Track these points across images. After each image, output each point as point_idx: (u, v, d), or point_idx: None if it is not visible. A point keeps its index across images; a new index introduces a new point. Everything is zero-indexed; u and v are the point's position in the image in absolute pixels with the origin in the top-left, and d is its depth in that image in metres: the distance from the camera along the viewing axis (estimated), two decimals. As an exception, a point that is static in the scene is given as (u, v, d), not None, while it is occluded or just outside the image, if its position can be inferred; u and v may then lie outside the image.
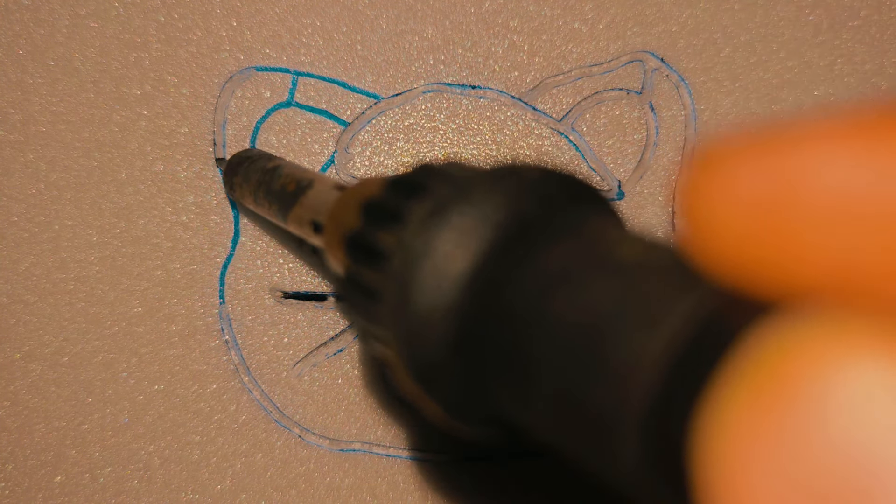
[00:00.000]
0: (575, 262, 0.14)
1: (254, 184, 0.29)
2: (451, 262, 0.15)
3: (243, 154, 0.31)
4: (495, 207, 0.16)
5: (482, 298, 0.15)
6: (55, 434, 0.33)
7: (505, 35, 0.34)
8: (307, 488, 0.33)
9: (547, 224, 0.15)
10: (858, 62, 0.35)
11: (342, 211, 0.22)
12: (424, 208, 0.17)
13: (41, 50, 0.32)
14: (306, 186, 0.25)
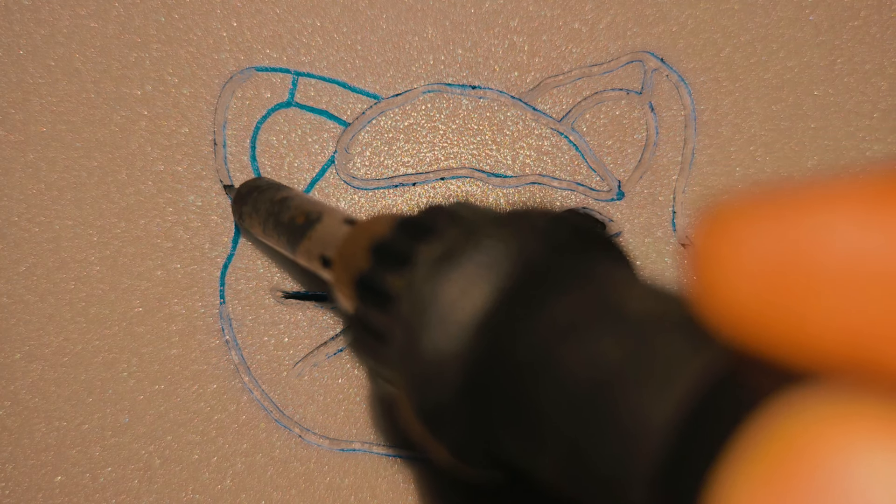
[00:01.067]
0: (584, 314, 0.14)
1: (263, 214, 0.29)
2: (459, 309, 0.15)
3: (252, 183, 0.31)
4: (504, 254, 0.16)
5: (490, 346, 0.15)
6: (55, 434, 0.33)
7: (505, 35, 0.34)
8: (307, 488, 0.33)
9: (556, 271, 0.15)
10: (858, 62, 0.35)
11: (351, 249, 0.22)
12: (433, 251, 0.16)
13: (42, 50, 0.33)
14: (315, 220, 0.25)
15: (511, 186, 0.34)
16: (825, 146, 0.35)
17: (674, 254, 0.35)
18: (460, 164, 0.34)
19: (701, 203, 0.35)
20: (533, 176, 0.34)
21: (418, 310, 0.16)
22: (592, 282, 0.15)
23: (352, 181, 0.34)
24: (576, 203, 0.35)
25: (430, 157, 0.34)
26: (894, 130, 0.36)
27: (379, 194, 0.34)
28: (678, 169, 0.35)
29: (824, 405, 0.09)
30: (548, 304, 0.15)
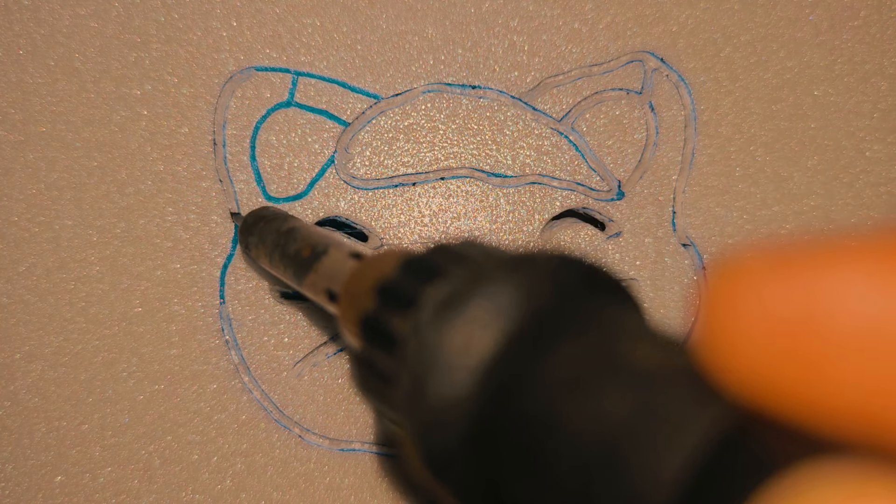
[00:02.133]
0: (591, 366, 0.14)
1: (269, 245, 0.29)
2: (465, 356, 0.15)
3: (258, 213, 0.31)
4: (510, 300, 0.15)
5: (496, 395, 0.15)
6: (55, 434, 0.33)
7: (505, 35, 0.34)
8: (307, 488, 0.33)
9: (564, 318, 0.15)
10: (858, 62, 0.35)
11: (357, 286, 0.21)
12: (439, 294, 0.16)
13: (41, 50, 0.32)
14: (321, 253, 0.25)
15: (511, 186, 0.34)
16: (825, 146, 0.35)
17: (674, 255, 0.35)
18: (460, 164, 0.34)
19: (701, 203, 0.35)
20: (533, 176, 0.34)
21: (424, 355, 0.16)
22: (600, 330, 0.15)
23: (352, 181, 0.34)
24: (576, 203, 0.35)
25: (430, 156, 0.34)
26: (894, 130, 0.36)
27: (379, 194, 0.34)
28: (678, 169, 0.35)
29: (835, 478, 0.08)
30: (555, 352, 0.14)
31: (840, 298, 0.09)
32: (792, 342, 0.09)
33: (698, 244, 0.35)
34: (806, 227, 0.35)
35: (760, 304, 0.09)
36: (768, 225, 0.35)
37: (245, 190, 0.33)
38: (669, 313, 0.35)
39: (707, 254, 0.35)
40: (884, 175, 0.35)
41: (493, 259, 0.17)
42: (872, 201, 0.35)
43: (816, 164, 0.35)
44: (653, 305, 0.35)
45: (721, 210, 0.35)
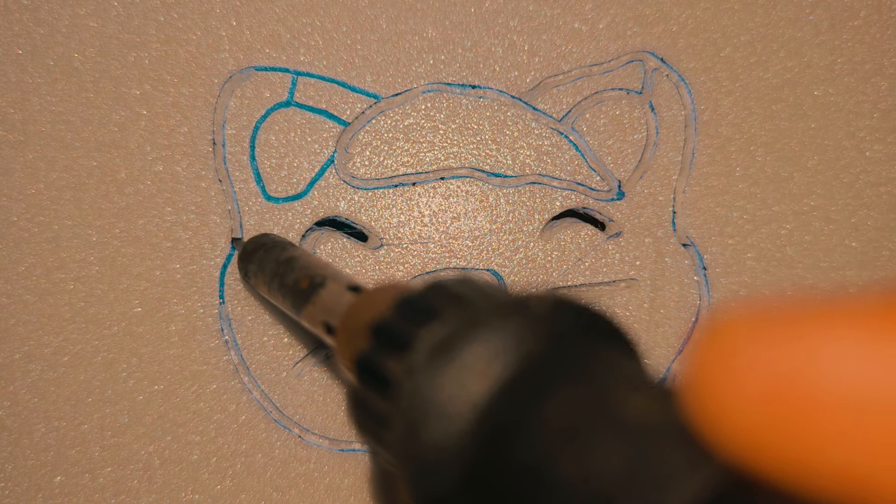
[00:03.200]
0: (584, 418, 0.14)
1: (268, 275, 0.29)
2: (458, 402, 0.15)
3: (258, 240, 0.31)
4: (503, 346, 0.15)
5: (489, 442, 0.15)
6: (55, 434, 0.33)
7: (505, 35, 0.34)
8: (307, 488, 0.33)
9: (557, 365, 0.15)
10: (858, 62, 0.35)
11: (353, 323, 0.21)
12: (433, 338, 0.16)
13: (41, 50, 0.32)
14: (319, 284, 0.25)
15: (511, 186, 0.34)
16: (825, 146, 0.35)
17: (674, 255, 0.35)
18: (460, 164, 0.34)
19: (701, 203, 0.35)
20: (533, 176, 0.34)
21: (417, 401, 0.16)
22: (594, 378, 0.15)
23: (351, 181, 0.34)
24: (576, 203, 0.35)
25: (429, 156, 0.34)
26: (894, 130, 0.36)
27: (378, 194, 0.34)
28: (678, 169, 0.35)
29: None
30: (549, 401, 0.14)
31: (827, 362, 0.09)
32: (780, 405, 0.09)
33: (698, 244, 0.35)
34: (806, 227, 0.35)
35: (749, 365, 0.09)
36: (768, 225, 0.35)
37: (244, 190, 0.33)
38: (669, 313, 0.35)
39: (707, 254, 0.35)
40: (884, 175, 0.35)
41: (487, 301, 0.17)
42: (872, 201, 0.35)
43: (816, 164, 0.35)
44: (653, 306, 0.35)
45: (721, 210, 0.35)
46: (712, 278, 0.35)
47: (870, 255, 0.35)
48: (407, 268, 0.34)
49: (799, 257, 0.35)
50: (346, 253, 0.34)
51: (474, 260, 0.34)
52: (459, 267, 0.34)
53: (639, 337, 0.35)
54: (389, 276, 0.34)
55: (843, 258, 0.35)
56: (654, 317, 0.35)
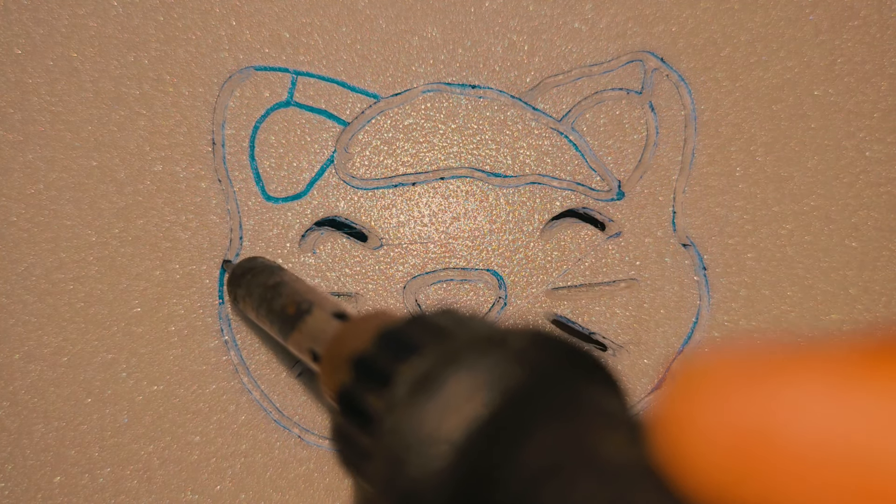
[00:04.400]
0: (563, 457, 0.14)
1: (256, 299, 0.29)
2: (438, 442, 0.15)
3: (246, 264, 0.31)
4: (482, 383, 0.15)
5: (469, 483, 0.15)
6: (54, 434, 0.32)
7: (505, 35, 0.34)
8: (307, 489, 0.33)
9: (536, 401, 0.15)
10: (858, 62, 0.35)
11: (336, 352, 0.22)
12: (413, 374, 0.16)
13: (40, 49, 0.32)
14: (305, 311, 0.26)
15: (511, 186, 0.34)
16: (825, 146, 0.35)
17: (674, 255, 0.35)
18: (460, 164, 0.34)
19: (701, 203, 0.35)
20: (533, 176, 0.34)
21: (397, 438, 0.16)
22: (573, 418, 0.15)
23: (351, 181, 0.34)
24: (576, 203, 0.35)
25: (429, 156, 0.34)
26: (894, 130, 0.35)
27: (378, 194, 0.34)
28: (678, 169, 0.35)
29: None
30: (527, 440, 0.14)
31: (792, 411, 0.09)
32: (747, 451, 0.09)
33: (698, 244, 0.35)
34: (806, 227, 0.35)
35: (718, 412, 0.10)
36: (768, 225, 0.35)
37: (244, 190, 0.33)
38: (669, 313, 0.35)
39: (707, 254, 0.35)
40: (884, 175, 0.35)
41: (468, 335, 0.17)
42: (872, 201, 0.35)
43: (817, 164, 0.35)
44: (653, 306, 0.35)
45: (721, 210, 0.35)
46: (712, 278, 0.35)
47: (870, 255, 0.35)
48: (407, 268, 0.34)
49: (799, 257, 0.35)
50: (345, 253, 0.34)
51: (474, 260, 0.34)
52: (459, 267, 0.34)
53: (641, 334, 0.35)
54: (389, 276, 0.34)
55: (843, 258, 0.35)
56: (654, 317, 0.35)
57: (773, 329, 0.35)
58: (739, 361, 0.10)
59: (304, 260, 0.33)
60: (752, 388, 0.09)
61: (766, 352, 0.10)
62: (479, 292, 0.34)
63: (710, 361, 0.10)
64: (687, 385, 0.10)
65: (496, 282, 0.34)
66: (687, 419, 0.10)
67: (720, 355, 0.10)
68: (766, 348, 0.10)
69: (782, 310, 0.35)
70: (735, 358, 0.10)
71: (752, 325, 0.35)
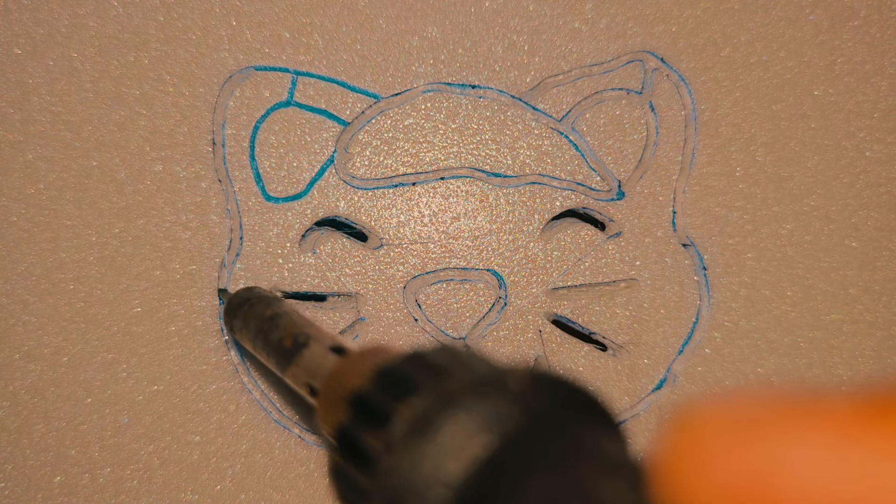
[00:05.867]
0: (562, 502, 0.14)
1: (252, 331, 0.29)
2: (435, 484, 0.15)
3: (243, 295, 0.31)
4: (480, 426, 0.15)
5: None
6: (54, 434, 0.32)
7: (505, 35, 0.34)
8: (307, 489, 0.33)
9: (534, 444, 0.15)
10: (858, 62, 0.35)
11: (334, 389, 0.21)
12: (411, 414, 0.16)
13: (40, 49, 0.32)
14: (302, 344, 0.26)
15: (511, 186, 0.34)
16: (825, 146, 0.35)
17: (674, 255, 0.35)
18: (460, 164, 0.34)
19: (701, 203, 0.35)
20: (533, 176, 0.34)
21: (395, 479, 0.16)
22: (572, 462, 0.15)
23: (351, 181, 0.34)
24: (576, 203, 0.35)
25: (429, 156, 0.34)
26: (894, 130, 0.36)
27: (378, 194, 0.34)
28: (678, 169, 0.35)
29: None
30: (525, 485, 0.14)
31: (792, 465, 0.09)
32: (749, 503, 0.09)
33: (698, 244, 0.35)
34: (806, 227, 0.35)
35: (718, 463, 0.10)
36: (768, 225, 0.35)
37: (244, 190, 0.33)
38: (669, 313, 0.35)
39: (707, 254, 0.35)
40: (884, 175, 0.35)
41: (467, 375, 0.17)
42: (872, 201, 0.35)
43: (817, 164, 0.35)
44: (653, 306, 0.35)
45: (721, 210, 0.35)
46: (712, 278, 0.35)
47: (870, 255, 0.35)
48: (407, 268, 0.34)
49: (799, 257, 0.35)
50: (345, 253, 0.34)
51: (474, 260, 0.34)
52: (459, 267, 0.34)
53: (641, 334, 0.35)
54: (389, 276, 0.34)
55: (843, 258, 0.35)
56: (654, 317, 0.35)
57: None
58: (743, 411, 0.10)
59: (304, 260, 0.33)
60: (754, 439, 0.09)
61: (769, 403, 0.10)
62: (479, 292, 0.34)
63: (714, 410, 0.10)
64: (690, 433, 0.10)
65: (496, 282, 0.34)
66: (689, 467, 0.10)
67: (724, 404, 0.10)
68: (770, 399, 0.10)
69: (782, 310, 0.35)
70: (739, 408, 0.10)
71: (752, 325, 0.35)
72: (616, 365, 0.34)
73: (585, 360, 0.34)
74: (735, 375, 0.35)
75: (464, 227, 0.34)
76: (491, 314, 0.34)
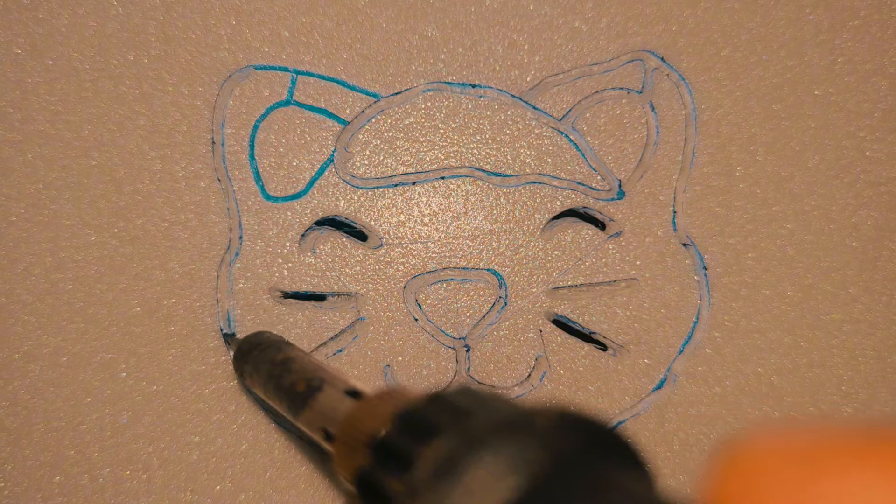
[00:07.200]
0: None
1: (264, 376, 0.28)
2: None
3: (253, 339, 0.30)
4: (508, 469, 0.15)
5: None
6: (54, 434, 0.32)
7: (505, 34, 0.34)
8: (307, 489, 0.33)
9: (563, 488, 0.15)
10: (858, 62, 0.35)
11: (352, 435, 0.21)
12: (435, 457, 0.16)
13: (40, 49, 0.32)
14: (316, 388, 0.25)
15: (511, 185, 0.34)
16: (826, 146, 0.35)
17: (674, 254, 0.35)
18: (460, 163, 0.34)
19: (701, 203, 0.35)
20: (533, 175, 0.34)
21: None
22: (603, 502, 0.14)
23: (351, 180, 0.34)
24: (576, 202, 0.35)
25: (429, 156, 0.34)
26: (894, 130, 0.35)
27: (378, 193, 0.34)
28: (679, 168, 0.35)
29: None
30: None
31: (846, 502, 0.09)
32: None
33: (699, 244, 0.35)
34: (806, 227, 0.35)
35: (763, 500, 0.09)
36: (768, 225, 0.35)
37: (244, 189, 0.33)
38: (670, 313, 0.35)
39: (707, 254, 0.35)
40: (884, 175, 0.35)
41: (491, 416, 0.17)
42: (872, 201, 0.35)
43: (817, 164, 0.35)
44: (653, 305, 0.35)
45: (721, 210, 0.35)
46: (712, 278, 0.35)
47: (870, 255, 0.35)
48: (407, 267, 0.34)
49: (799, 257, 0.35)
50: (345, 252, 0.34)
51: (474, 260, 0.34)
52: (459, 267, 0.34)
53: (642, 334, 0.35)
54: (389, 276, 0.34)
55: (843, 258, 0.35)
56: (655, 317, 0.35)
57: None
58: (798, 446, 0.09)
59: (303, 259, 0.33)
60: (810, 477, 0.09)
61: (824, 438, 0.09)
62: (479, 292, 0.34)
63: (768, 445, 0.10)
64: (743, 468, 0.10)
65: (496, 281, 0.34)
66: None
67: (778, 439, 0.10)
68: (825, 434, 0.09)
69: (782, 310, 0.35)
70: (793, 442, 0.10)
71: (752, 325, 0.35)
72: (616, 365, 0.34)
73: (586, 359, 0.34)
74: (735, 375, 0.35)
75: (464, 226, 0.34)
76: (491, 314, 0.34)
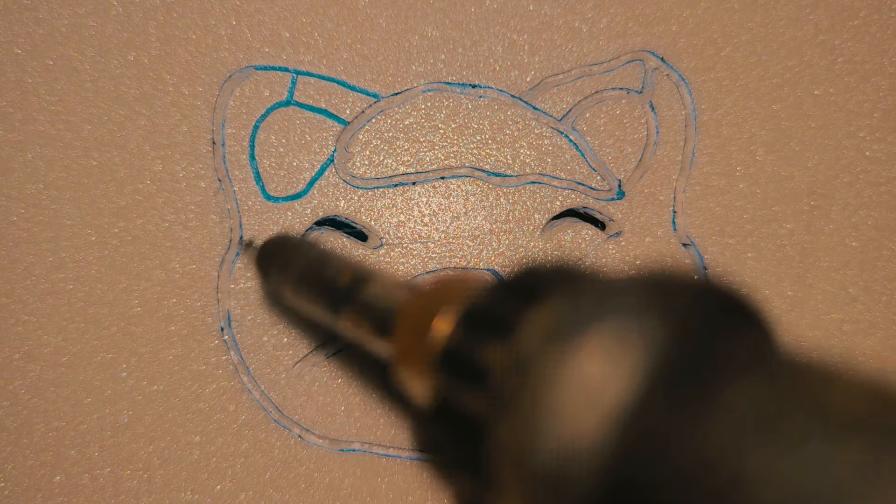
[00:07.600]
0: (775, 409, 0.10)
1: (296, 273, 0.25)
2: (595, 398, 0.11)
3: (279, 240, 0.27)
4: (657, 327, 0.12)
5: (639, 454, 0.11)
6: (54, 434, 0.32)
7: (505, 34, 0.34)
8: (307, 488, 0.33)
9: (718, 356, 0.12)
10: (858, 62, 0.35)
11: (420, 322, 0.17)
12: (547, 318, 0.13)
13: (40, 49, 0.32)
14: (363, 279, 0.22)
15: (511, 186, 0.34)
16: (826, 146, 0.35)
17: (674, 255, 0.35)
18: (460, 164, 0.34)
19: (701, 203, 0.35)
20: (533, 175, 0.34)
21: (533, 397, 0.12)
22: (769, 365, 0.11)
23: (351, 180, 0.34)
24: (576, 202, 0.35)
25: (429, 156, 0.34)
26: (894, 130, 0.35)
27: (378, 193, 0.34)
28: (678, 168, 0.35)
29: None
30: (719, 396, 0.11)
31: None
32: None
33: (699, 244, 0.35)
34: (806, 227, 0.35)
35: None
36: (768, 225, 0.35)
37: (244, 189, 0.33)
38: (669, 313, 0.35)
39: (707, 254, 0.35)
40: (884, 175, 0.35)
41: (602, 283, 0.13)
42: (872, 201, 0.35)
43: (817, 164, 0.35)
44: (653, 305, 0.35)
45: (721, 210, 0.35)
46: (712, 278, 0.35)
47: (870, 255, 0.35)
48: (407, 267, 0.34)
49: (799, 257, 0.35)
50: (345, 252, 0.34)
51: (474, 260, 0.34)
52: (460, 267, 0.34)
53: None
54: (389, 276, 0.34)
55: (843, 258, 0.35)
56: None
57: None
58: None
59: (304, 259, 0.33)
60: None
61: None
62: (479, 292, 0.34)
63: None
64: None
65: (496, 281, 0.34)
66: None
67: None
68: None
69: (782, 310, 0.35)
70: None
71: (752, 324, 0.35)
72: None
73: (585, 359, 0.34)
74: (735, 375, 0.35)
75: (464, 226, 0.34)
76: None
